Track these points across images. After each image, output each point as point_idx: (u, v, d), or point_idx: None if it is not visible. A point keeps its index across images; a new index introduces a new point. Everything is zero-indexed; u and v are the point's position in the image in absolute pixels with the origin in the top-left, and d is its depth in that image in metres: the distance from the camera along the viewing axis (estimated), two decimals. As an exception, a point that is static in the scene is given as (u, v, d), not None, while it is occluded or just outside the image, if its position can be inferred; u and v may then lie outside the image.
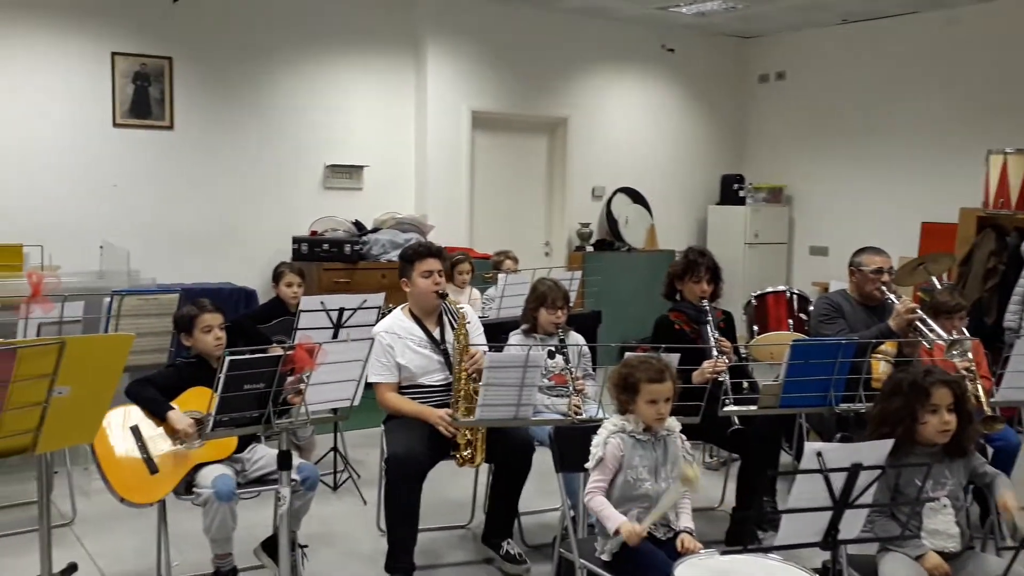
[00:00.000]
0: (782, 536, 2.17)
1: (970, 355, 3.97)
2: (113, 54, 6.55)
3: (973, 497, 3.85)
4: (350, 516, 4.54)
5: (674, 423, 3.04)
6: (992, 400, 3.73)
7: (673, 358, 3.31)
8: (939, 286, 5.12)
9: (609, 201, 8.89)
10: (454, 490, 4.51)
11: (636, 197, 9.02)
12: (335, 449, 5.00)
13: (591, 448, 2.98)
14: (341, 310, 4.53)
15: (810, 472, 2.08)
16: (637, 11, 8.38)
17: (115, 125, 6.62)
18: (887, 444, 2.22)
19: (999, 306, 6.56)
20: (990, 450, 3.95)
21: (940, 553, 2.71)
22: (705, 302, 4.28)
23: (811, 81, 9.09)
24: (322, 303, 4.51)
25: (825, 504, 2.12)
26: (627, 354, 3.28)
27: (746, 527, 4.01)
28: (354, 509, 4.64)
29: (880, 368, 4.18)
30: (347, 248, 7.03)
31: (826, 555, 2.29)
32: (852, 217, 8.65)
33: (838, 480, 2.10)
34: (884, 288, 4.44)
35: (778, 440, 4.27)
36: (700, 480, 2.73)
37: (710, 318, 4.22)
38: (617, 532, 2.81)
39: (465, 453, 3.72)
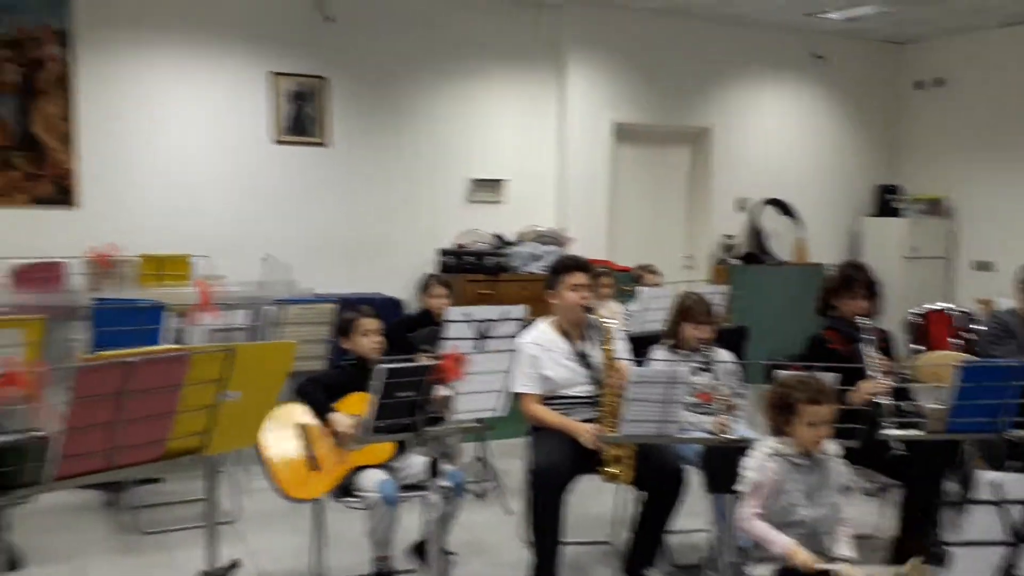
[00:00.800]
0: (954, 570, 2.03)
1: None
2: (273, 74, 6.91)
3: None
4: (495, 525, 4.58)
5: (832, 446, 2.91)
6: None
7: (829, 378, 3.18)
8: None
9: (755, 213, 8.65)
10: (597, 505, 4.48)
11: (784, 209, 8.74)
12: (480, 458, 5.07)
13: (745, 471, 2.89)
14: (485, 321, 4.59)
15: (985, 503, 1.94)
16: (784, 18, 8.14)
17: (275, 142, 6.98)
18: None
19: None
20: None
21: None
22: (862, 319, 4.08)
23: (972, 87, 8.57)
24: (467, 314, 4.58)
25: (1001, 539, 1.97)
26: (780, 373, 3.18)
27: (908, 557, 3.78)
28: (499, 518, 4.69)
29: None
30: (489, 260, 7.14)
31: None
32: (1021, 230, 8.08)
33: (1018, 514, 1.95)
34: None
35: (943, 467, 4.02)
36: None
37: (867, 336, 4.03)
38: (787, 555, 2.70)
39: (613, 469, 3.69)
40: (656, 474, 3.70)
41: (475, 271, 7.13)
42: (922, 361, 4.95)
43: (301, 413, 3.56)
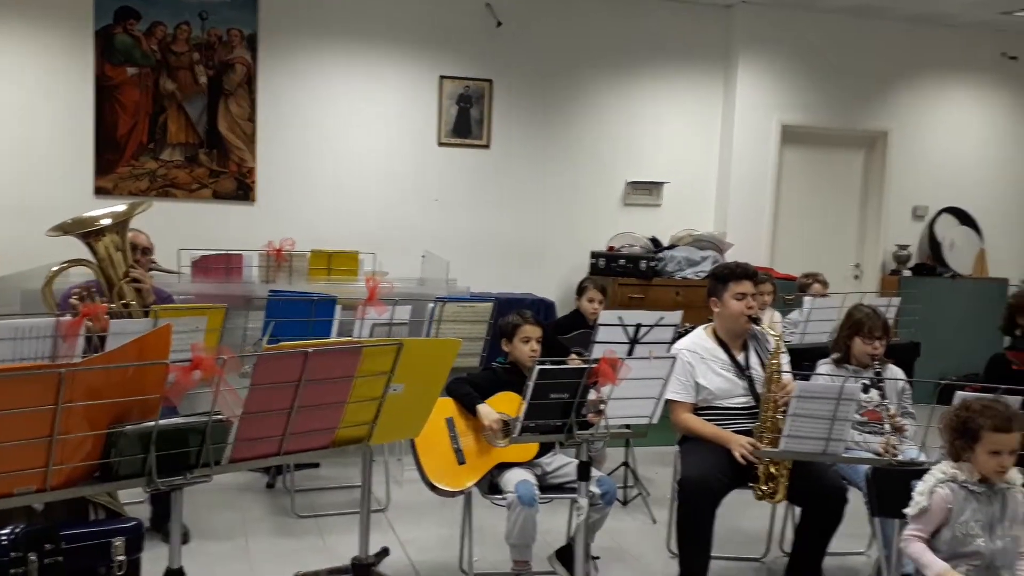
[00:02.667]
0: None
1: None
2: (441, 77, 7.10)
3: None
4: (640, 534, 4.53)
5: (1016, 476, 2.70)
6: None
7: (1013, 401, 2.95)
8: None
9: (932, 222, 8.16)
10: (748, 520, 4.35)
11: (964, 218, 8.20)
12: (626, 464, 5.02)
13: (914, 494, 2.72)
14: (638, 326, 4.54)
15: None
16: (976, 17, 7.63)
17: (439, 144, 7.17)
18: None
19: None
20: None
21: None
22: (1053, 340, 3.78)
23: None
24: (620, 318, 4.55)
25: None
26: (961, 395, 2.98)
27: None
28: (644, 527, 4.63)
29: None
30: (642, 264, 7.06)
31: None
32: None
33: None
34: None
35: None
36: None
37: (1058, 359, 3.72)
38: None
39: (766, 487, 3.57)
40: (816, 494, 3.55)
41: (627, 275, 7.06)
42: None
43: (450, 407, 3.64)
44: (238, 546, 4.18)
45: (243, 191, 6.79)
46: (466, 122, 7.22)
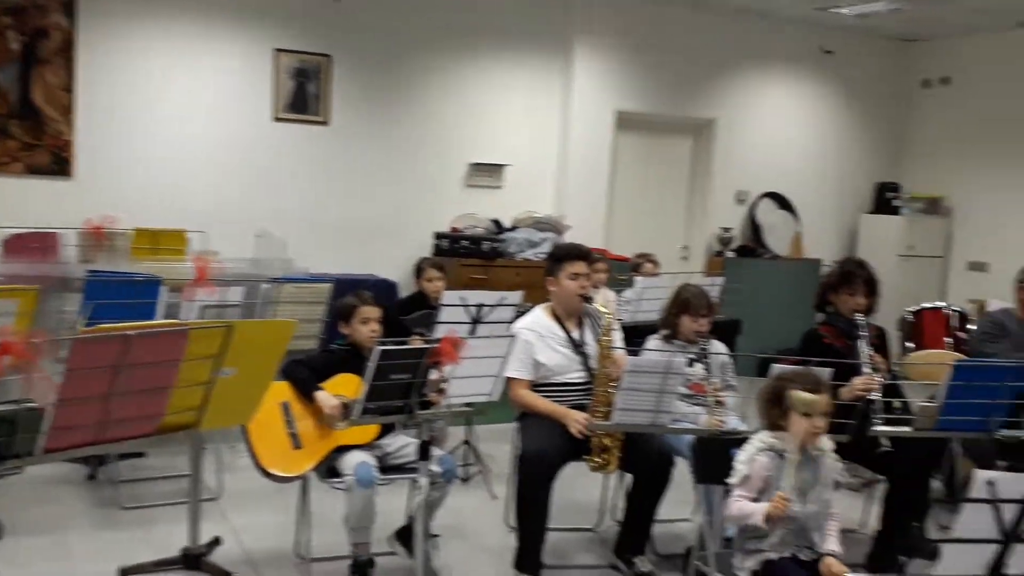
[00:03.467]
0: (944, 567, 2.04)
1: None
2: (276, 50, 6.87)
3: None
4: (480, 510, 4.59)
5: (826, 443, 2.91)
6: None
7: (824, 373, 3.18)
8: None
9: (753, 206, 8.65)
10: (583, 492, 4.49)
11: (782, 203, 8.74)
12: (467, 442, 5.07)
13: (735, 463, 2.89)
14: (480, 306, 4.59)
15: (980, 501, 1.95)
16: (796, 11, 8.11)
17: (274, 120, 6.94)
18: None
19: None
20: None
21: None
22: (859, 316, 4.09)
23: (979, 88, 8.55)
24: (463, 298, 4.58)
25: (993, 536, 1.98)
26: (776, 367, 3.19)
27: (890, 553, 3.81)
28: (484, 503, 4.69)
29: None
30: (485, 245, 7.13)
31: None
32: (1016, 232, 8.09)
33: (1009, 513, 1.95)
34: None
35: (930, 465, 4.04)
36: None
37: (864, 333, 4.03)
38: (768, 519, 2.72)
39: (599, 458, 3.70)
40: (645, 461, 3.71)
41: (470, 255, 7.11)
42: (913, 359, 4.96)
43: (285, 391, 3.55)
44: (57, 541, 3.93)
45: (59, 165, 6.33)
46: (303, 98, 7.02)
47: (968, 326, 4.97)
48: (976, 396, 3.48)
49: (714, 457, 3.07)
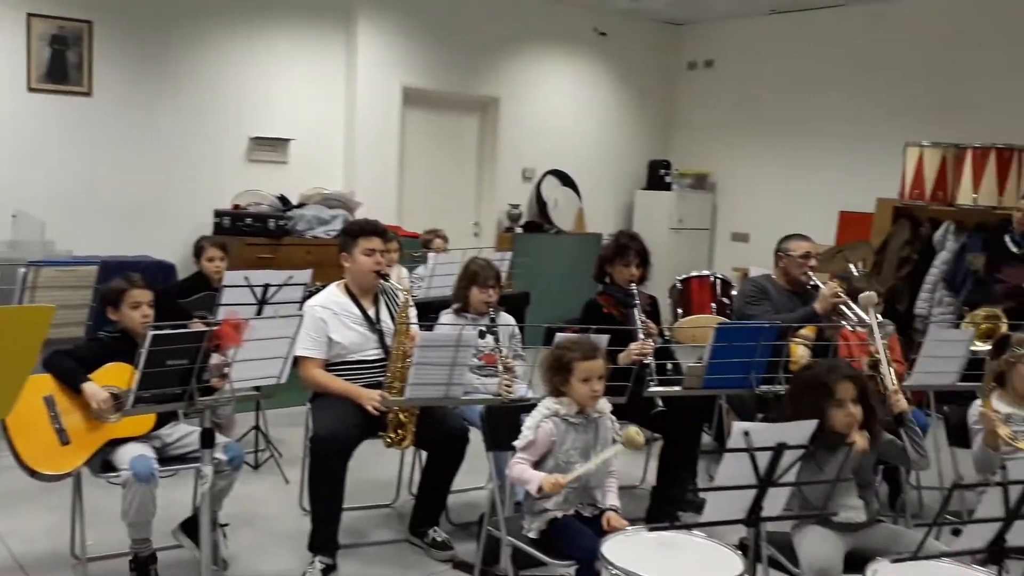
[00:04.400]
0: (708, 514, 2.22)
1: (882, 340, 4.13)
2: (29, 15, 6.26)
3: (883, 478, 4.01)
4: (272, 496, 4.48)
5: (605, 404, 3.08)
6: (905, 384, 3.88)
7: (602, 339, 3.35)
8: (856, 273, 5.27)
9: (539, 183, 8.92)
10: (378, 469, 4.49)
11: (565, 180, 9.07)
12: (256, 427, 4.92)
13: (523, 429, 2.99)
14: (266, 286, 4.45)
15: (737, 451, 2.13)
16: (571, -7, 8.40)
17: (29, 90, 6.33)
18: (811, 424, 2.28)
19: (911, 294, 6.83)
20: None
21: (847, 525, 2.82)
22: (633, 286, 4.33)
23: (738, 70, 9.25)
24: (246, 278, 4.42)
25: (750, 482, 2.17)
26: (557, 335, 3.32)
27: (667, 506, 4.09)
28: (276, 488, 4.58)
29: (799, 352, 4.31)
30: (271, 223, 6.88)
31: (744, 532, 2.36)
32: (773, 205, 8.85)
33: (763, 460, 2.15)
34: (810, 273, 4.58)
35: (700, 421, 4.37)
36: (641, 441, 2.82)
37: (637, 301, 4.28)
38: (540, 491, 2.84)
39: (395, 435, 3.71)
40: (439, 435, 3.77)
41: (255, 234, 6.84)
42: (682, 324, 5.32)
43: (48, 384, 3.29)
44: None
45: None
46: (62, 66, 6.44)
47: (732, 292, 5.39)
48: (737, 356, 3.79)
49: (504, 425, 3.16)
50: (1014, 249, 5.85)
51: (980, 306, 4.61)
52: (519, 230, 8.73)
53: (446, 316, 4.31)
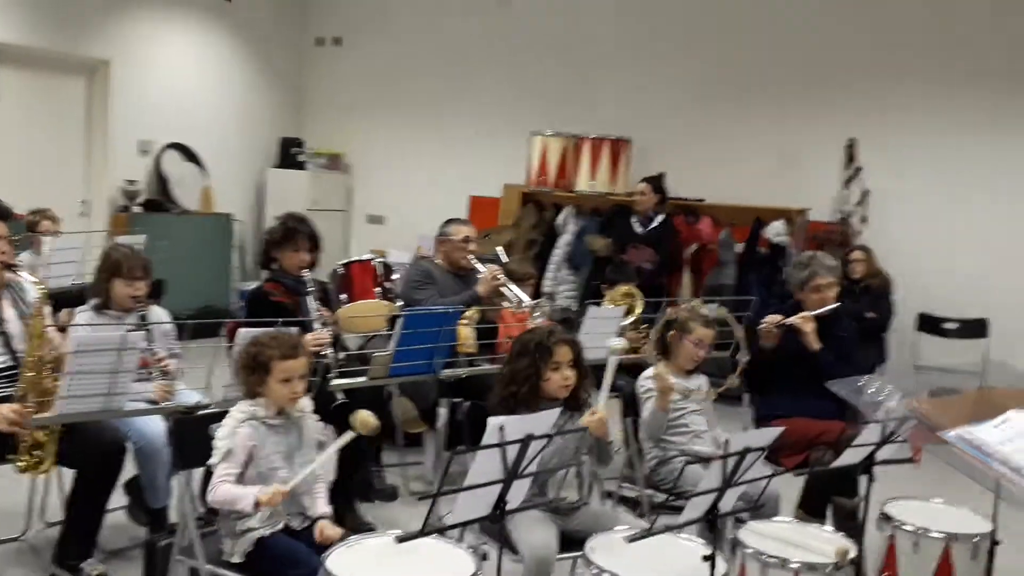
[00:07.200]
0: (457, 514, 2.13)
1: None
2: None
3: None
4: None
5: (306, 403, 2.84)
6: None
7: (296, 334, 3.08)
8: (504, 258, 5.47)
9: (159, 157, 8.10)
10: (7, 498, 3.75)
11: (189, 155, 8.34)
12: None
13: (216, 440, 2.65)
14: None
15: (490, 447, 2.07)
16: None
17: None
18: (555, 413, 2.29)
19: (538, 274, 7.34)
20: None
21: (559, 508, 2.92)
22: (305, 272, 4.10)
23: (368, 48, 9.13)
24: None
25: (498, 476, 2.12)
26: (244, 332, 3.02)
27: (351, 498, 3.93)
28: None
29: (465, 334, 4.39)
30: None
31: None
32: (407, 188, 8.95)
33: (511, 452, 2.11)
34: (470, 257, 4.68)
35: (382, 410, 4.26)
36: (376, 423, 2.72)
37: (311, 289, 4.06)
38: (257, 508, 2.55)
39: (28, 457, 3.10)
40: (92, 451, 3.23)
41: None
42: (347, 311, 5.15)
43: None
44: None
45: None
46: None
47: (393, 276, 5.33)
48: (420, 342, 3.75)
49: (194, 438, 2.76)
50: (640, 230, 6.56)
51: (618, 284, 5.05)
52: (137, 209, 7.86)
53: (83, 315, 3.70)
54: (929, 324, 6.74)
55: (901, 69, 6.91)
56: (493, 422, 2.07)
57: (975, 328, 6.54)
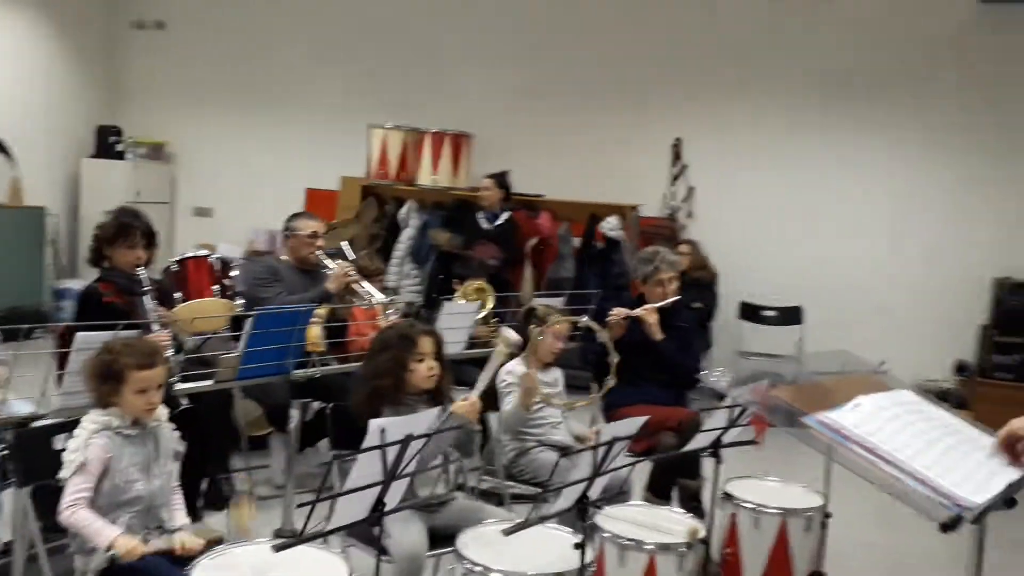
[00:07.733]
0: (337, 519, 2.09)
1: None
2: None
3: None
4: None
5: (163, 411, 2.69)
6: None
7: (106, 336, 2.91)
8: (350, 252, 5.38)
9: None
10: None
11: (-5, 145, 7.68)
12: None
13: (67, 453, 2.47)
14: None
15: (372, 449, 2.05)
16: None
17: None
18: (434, 412, 2.29)
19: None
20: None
21: (428, 504, 2.92)
22: (140, 270, 3.88)
23: (193, 35, 8.73)
24: None
25: (377, 478, 2.10)
26: (81, 335, 2.83)
27: (199, 509, 3.77)
28: None
29: (314, 333, 4.30)
30: None
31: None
32: (237, 179, 8.61)
33: (391, 454, 2.10)
34: (319, 253, 4.58)
35: (229, 414, 4.11)
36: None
37: (147, 287, 3.85)
38: (110, 548, 2.39)
39: None
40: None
41: None
42: (187, 311, 4.91)
43: None
44: None
45: None
46: None
47: (232, 273, 5.12)
48: (272, 342, 3.64)
49: (39, 451, 2.56)
50: (486, 226, 6.62)
51: (467, 280, 5.09)
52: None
53: None
54: (750, 312, 7.20)
55: (725, 73, 7.32)
56: (374, 425, 2.05)
57: (791, 315, 7.04)
